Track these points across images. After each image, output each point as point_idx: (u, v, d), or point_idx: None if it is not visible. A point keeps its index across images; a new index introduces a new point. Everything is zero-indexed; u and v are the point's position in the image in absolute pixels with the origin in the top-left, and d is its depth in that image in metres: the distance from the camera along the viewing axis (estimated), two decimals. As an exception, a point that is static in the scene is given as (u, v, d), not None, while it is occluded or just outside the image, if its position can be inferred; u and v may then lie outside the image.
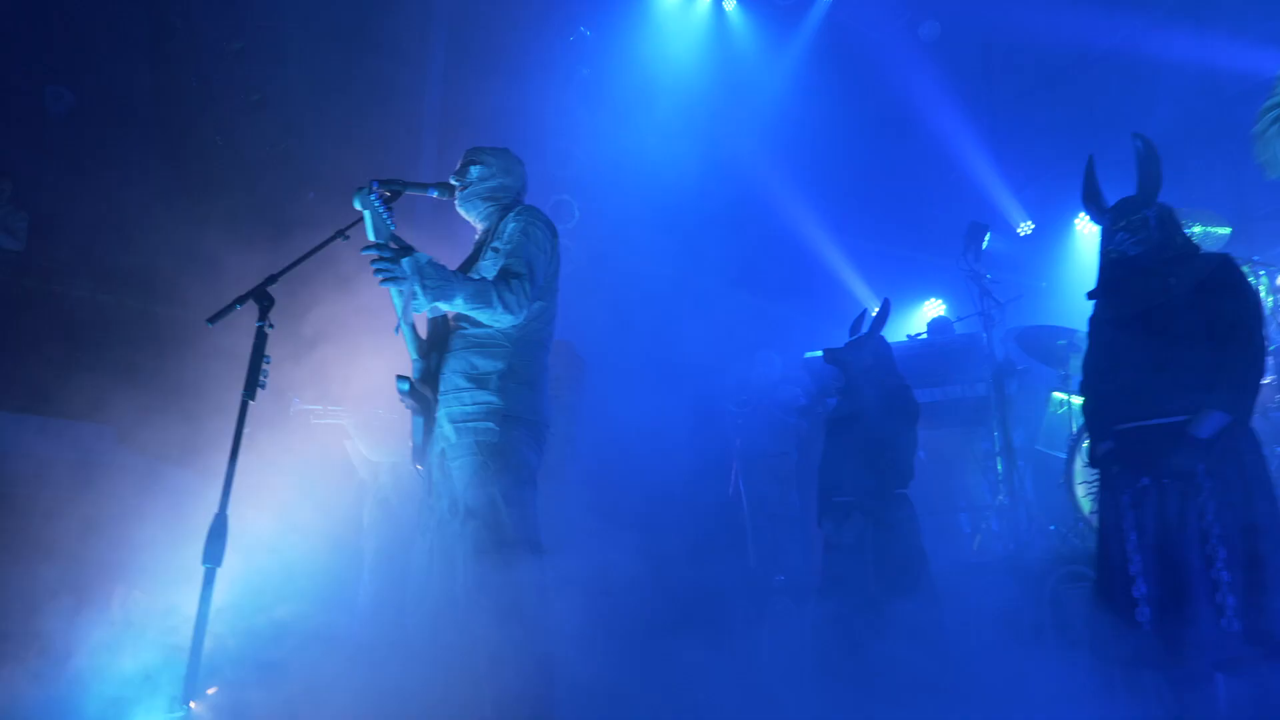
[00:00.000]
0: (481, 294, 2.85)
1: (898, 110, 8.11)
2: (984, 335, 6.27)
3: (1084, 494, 4.78)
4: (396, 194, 2.94)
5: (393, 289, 2.80)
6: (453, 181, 3.17)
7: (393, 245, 2.77)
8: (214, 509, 4.43)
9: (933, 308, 8.41)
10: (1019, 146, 7.68)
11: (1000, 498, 5.40)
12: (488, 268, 3.01)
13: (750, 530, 7.10)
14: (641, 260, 7.61)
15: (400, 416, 5.26)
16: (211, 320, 2.66)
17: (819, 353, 6.90)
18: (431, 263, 2.79)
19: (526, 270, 2.94)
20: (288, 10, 6.45)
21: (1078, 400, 5.43)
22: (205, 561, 2.50)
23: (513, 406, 2.89)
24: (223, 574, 5.28)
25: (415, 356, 2.98)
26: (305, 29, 6.63)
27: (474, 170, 3.19)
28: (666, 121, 8.28)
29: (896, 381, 4.87)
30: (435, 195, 3.12)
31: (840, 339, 7.52)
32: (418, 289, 2.75)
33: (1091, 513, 4.69)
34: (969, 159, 7.87)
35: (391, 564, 5.34)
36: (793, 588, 6.43)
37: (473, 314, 2.90)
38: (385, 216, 2.77)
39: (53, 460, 5.90)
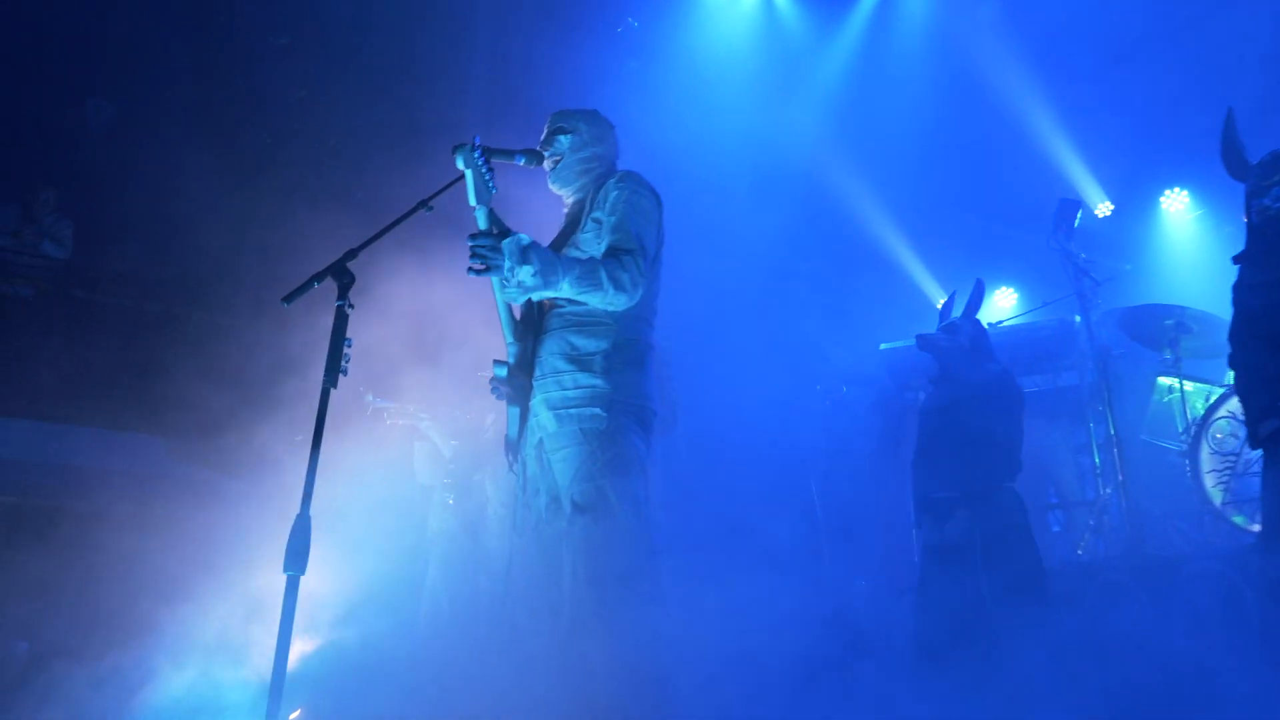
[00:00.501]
0: (590, 274, 2.56)
1: (964, 92, 7.74)
2: (1076, 319, 5.92)
3: (1213, 484, 4.39)
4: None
5: (491, 277, 2.53)
6: (540, 152, 2.89)
7: (494, 230, 2.51)
8: (280, 515, 4.15)
9: (1004, 297, 8.04)
10: (1094, 125, 7.27)
11: (1106, 490, 5.01)
12: (589, 240, 2.72)
13: (824, 532, 6.76)
14: (700, 254, 7.30)
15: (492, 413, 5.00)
16: (287, 299, 2.39)
17: (896, 344, 6.59)
18: (534, 245, 2.51)
19: (637, 244, 2.65)
20: (334, 4, 6.25)
21: (1190, 386, 5.05)
22: (287, 569, 2.22)
23: (619, 390, 2.59)
24: (276, 586, 5.02)
25: (510, 340, 2.70)
26: (350, 24, 6.42)
27: (563, 140, 2.90)
28: (721, 112, 7.99)
29: (997, 366, 4.52)
30: (523, 163, 2.85)
31: (909, 332, 7.22)
32: (525, 277, 2.47)
33: (1225, 504, 4.31)
34: (1041, 140, 7.48)
35: (465, 571, 5.08)
36: (876, 592, 6.08)
37: (582, 298, 2.60)
38: (488, 178, 2.50)
39: (105, 472, 5.72)
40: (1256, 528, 4.21)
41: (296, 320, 6.36)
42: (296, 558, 2.23)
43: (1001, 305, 7.84)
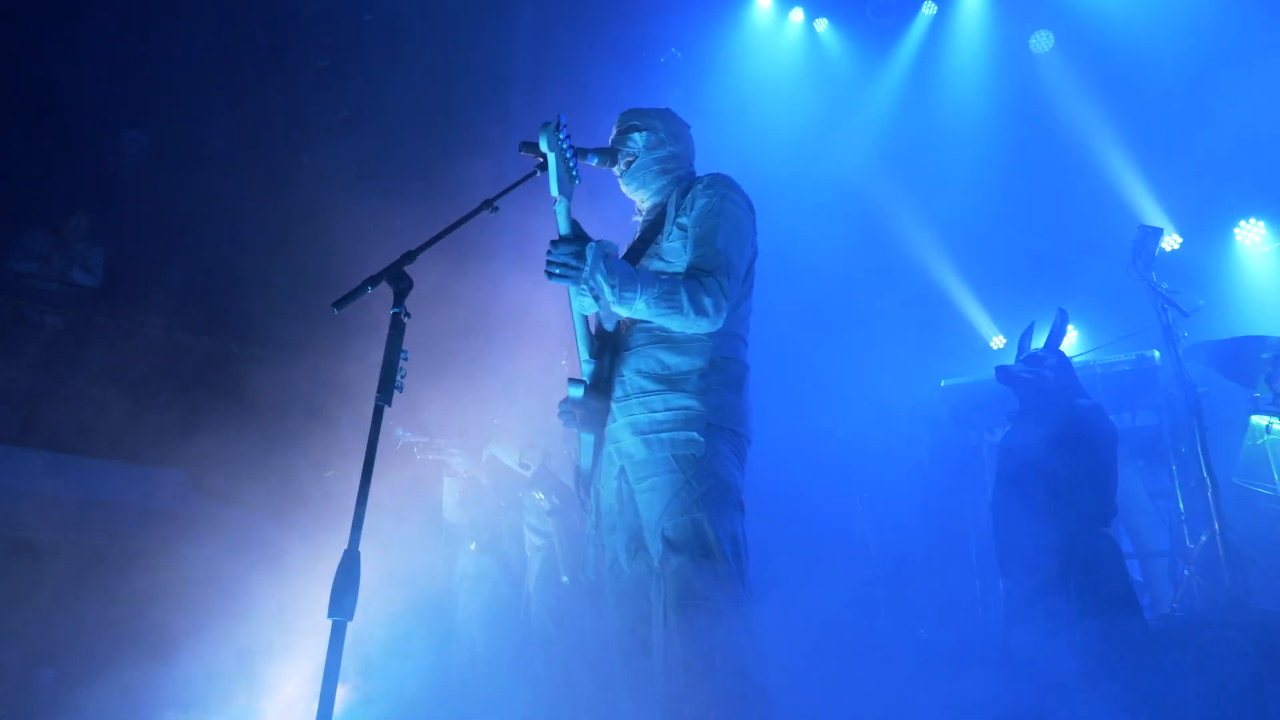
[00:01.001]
0: (670, 295, 2.28)
1: (1020, 120, 7.48)
2: (1154, 355, 5.58)
3: (1339, 532, 4.00)
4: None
5: (569, 287, 2.26)
6: (615, 150, 2.63)
7: (572, 234, 2.25)
8: (310, 553, 3.82)
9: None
10: (1159, 154, 6.95)
11: (1201, 538, 4.61)
12: (675, 250, 2.44)
13: (880, 579, 6.35)
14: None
15: (558, 439, 4.69)
16: (338, 305, 2.12)
17: (958, 380, 6.25)
18: (614, 256, 2.24)
19: (724, 262, 2.37)
20: (377, 28, 6.10)
21: (1292, 424, 4.67)
22: (333, 614, 1.91)
23: (716, 413, 2.29)
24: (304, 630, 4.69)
25: (586, 357, 2.40)
26: (392, 48, 6.27)
27: (637, 139, 2.64)
28: (767, 142, 7.78)
29: (1088, 401, 4.18)
30: (595, 163, 2.59)
31: (967, 369, 6.88)
32: (604, 287, 2.19)
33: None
34: (1102, 170, 7.17)
35: (504, 618, 4.76)
36: (940, 645, 5.67)
37: (659, 320, 2.33)
38: (572, 165, 2.24)
39: (127, 508, 5.46)
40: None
41: (332, 353, 6.15)
42: (343, 601, 1.92)
43: (1066, 344, 7.47)
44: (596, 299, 2.24)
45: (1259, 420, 4.88)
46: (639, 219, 2.69)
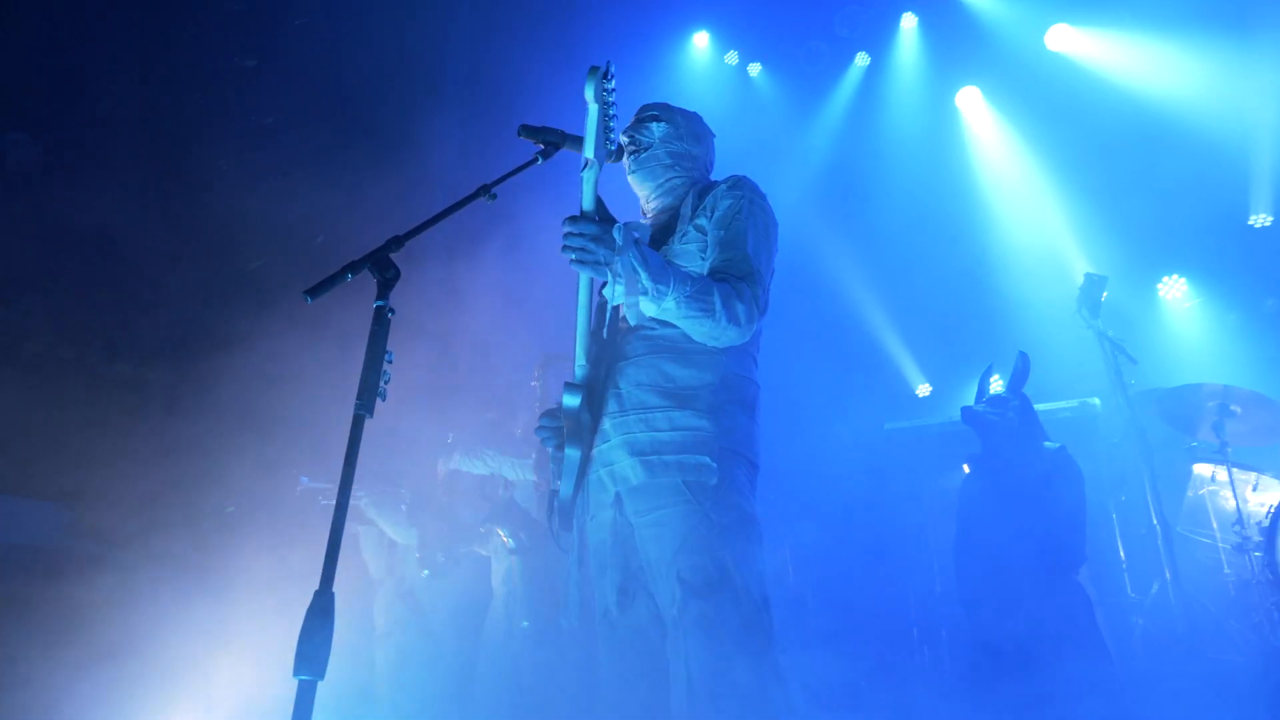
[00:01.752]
0: (703, 295, 2.01)
1: (951, 171, 7.60)
2: (1095, 402, 5.61)
3: (1299, 580, 3.99)
4: (554, 145, 2.15)
5: (584, 273, 1.96)
6: (624, 139, 2.38)
7: (596, 213, 1.96)
8: (211, 604, 3.48)
9: (993, 384, 7.74)
10: (1088, 210, 7.15)
11: (1153, 587, 4.57)
12: (689, 254, 2.20)
13: (817, 630, 6.14)
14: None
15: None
16: (311, 293, 1.77)
17: (903, 424, 6.17)
18: (645, 240, 1.96)
19: (754, 269, 2.14)
20: (307, 31, 5.72)
21: (1232, 474, 4.70)
22: (300, 671, 1.54)
23: (729, 435, 2.02)
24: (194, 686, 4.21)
25: (583, 361, 2.07)
26: (325, 53, 5.90)
27: (656, 128, 2.42)
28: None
29: (1054, 444, 4.11)
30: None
31: (897, 414, 6.83)
32: (640, 274, 1.90)
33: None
34: (1030, 224, 7.34)
35: (426, 674, 4.36)
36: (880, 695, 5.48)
37: (685, 323, 2.05)
38: (612, 123, 1.97)
39: (-5, 544, 4.81)
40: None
41: (236, 377, 5.65)
42: (312, 655, 1.54)
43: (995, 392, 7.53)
44: (625, 290, 1.93)
45: (1202, 469, 4.91)
46: (644, 221, 2.43)
